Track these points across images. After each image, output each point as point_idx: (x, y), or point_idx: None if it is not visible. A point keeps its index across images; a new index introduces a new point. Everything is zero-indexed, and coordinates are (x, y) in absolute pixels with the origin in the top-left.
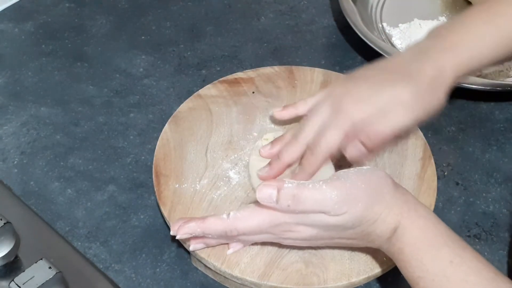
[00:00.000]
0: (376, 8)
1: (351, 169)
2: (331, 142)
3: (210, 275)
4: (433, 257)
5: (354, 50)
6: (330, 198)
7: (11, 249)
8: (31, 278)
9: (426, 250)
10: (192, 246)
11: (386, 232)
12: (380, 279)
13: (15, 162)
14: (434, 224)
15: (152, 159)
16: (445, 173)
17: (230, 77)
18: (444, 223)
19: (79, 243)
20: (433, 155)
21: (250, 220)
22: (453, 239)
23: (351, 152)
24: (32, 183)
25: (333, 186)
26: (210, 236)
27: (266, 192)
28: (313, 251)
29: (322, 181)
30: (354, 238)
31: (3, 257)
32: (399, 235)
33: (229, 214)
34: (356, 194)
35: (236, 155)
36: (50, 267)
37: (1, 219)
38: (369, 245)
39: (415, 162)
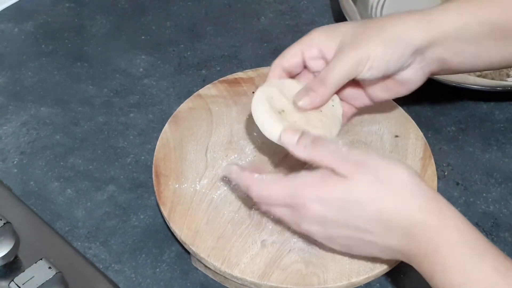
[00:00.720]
0: (376, 8)
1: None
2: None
3: (210, 275)
4: (477, 262)
5: None
6: (341, 153)
7: (11, 249)
8: (31, 278)
9: (469, 254)
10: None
11: (410, 226)
12: (380, 279)
13: (15, 162)
14: (471, 227)
15: (152, 159)
16: (445, 173)
17: (230, 77)
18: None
19: (79, 243)
20: (433, 155)
21: (272, 184)
22: (491, 244)
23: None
24: (32, 183)
25: (349, 148)
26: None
27: (290, 134)
28: (313, 251)
29: (343, 141)
30: (370, 230)
31: (3, 257)
32: (433, 234)
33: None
34: (369, 165)
35: (236, 155)
36: (50, 267)
37: (1, 219)
38: (390, 246)
39: (415, 162)
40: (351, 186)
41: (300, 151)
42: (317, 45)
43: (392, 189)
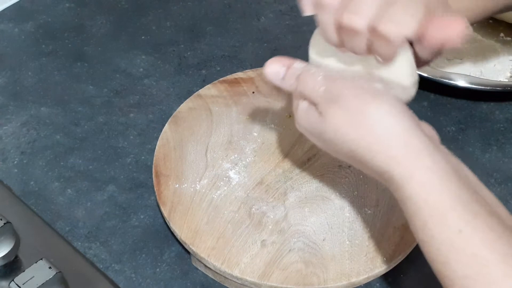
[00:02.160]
0: None
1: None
2: (407, 24)
3: (210, 275)
4: (438, 223)
5: None
6: (319, 91)
7: (11, 249)
8: (31, 278)
9: (430, 213)
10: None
11: (382, 174)
12: (380, 279)
13: (15, 162)
14: (440, 181)
15: (152, 159)
16: None
17: (230, 77)
18: (460, 175)
19: (79, 243)
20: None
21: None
22: (465, 201)
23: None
24: (32, 183)
25: (327, 81)
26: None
27: (275, 68)
28: (313, 251)
29: (325, 73)
30: (351, 162)
31: (3, 257)
32: (398, 185)
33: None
34: (343, 104)
35: (236, 155)
36: (50, 267)
37: (1, 219)
38: (372, 175)
39: None
40: (325, 124)
41: (287, 87)
42: None
43: (360, 133)
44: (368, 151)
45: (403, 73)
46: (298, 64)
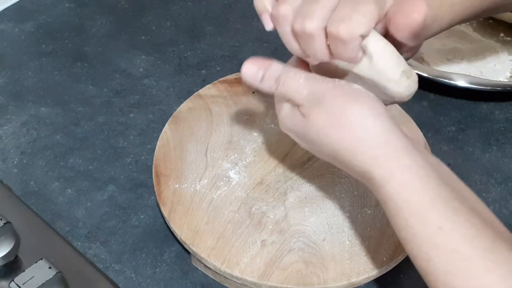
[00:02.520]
0: None
1: (346, 80)
2: (367, 16)
3: (210, 275)
4: (419, 220)
5: None
6: (302, 93)
7: (11, 249)
8: (31, 278)
9: (411, 211)
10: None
11: (363, 174)
12: (380, 279)
13: (15, 162)
14: (420, 180)
15: (152, 159)
16: None
17: (230, 77)
18: (439, 174)
19: (79, 243)
20: (433, 155)
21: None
22: (445, 198)
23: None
24: (32, 183)
25: (310, 83)
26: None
27: (253, 70)
28: (313, 251)
29: (306, 74)
30: (334, 163)
31: (3, 257)
32: (379, 185)
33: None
34: (325, 104)
35: (236, 155)
36: (50, 267)
37: (1, 219)
38: (355, 176)
39: None
40: (308, 126)
41: (266, 89)
42: None
43: (340, 133)
44: (349, 152)
45: (387, 67)
46: (276, 66)
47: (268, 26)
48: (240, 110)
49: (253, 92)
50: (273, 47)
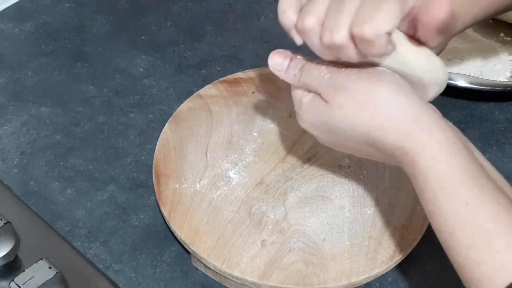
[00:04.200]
0: None
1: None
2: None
3: (210, 275)
4: (447, 195)
5: None
6: (323, 80)
7: (11, 249)
8: (31, 278)
9: (440, 185)
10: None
11: (394, 152)
12: (380, 279)
13: (15, 162)
14: (451, 154)
15: (152, 159)
16: None
17: (230, 77)
18: (469, 151)
19: (79, 243)
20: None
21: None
22: (473, 175)
23: None
24: (32, 183)
25: (332, 69)
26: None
27: (279, 59)
28: (313, 251)
29: (328, 62)
30: (362, 149)
31: (3, 257)
32: (410, 160)
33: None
34: (350, 89)
35: (236, 155)
36: (50, 267)
37: (1, 219)
38: (384, 159)
39: None
40: (333, 112)
41: (290, 79)
42: None
43: (370, 113)
44: (381, 131)
45: (416, 55)
46: (301, 57)
47: (298, 41)
48: (240, 110)
49: (253, 92)
50: (273, 47)
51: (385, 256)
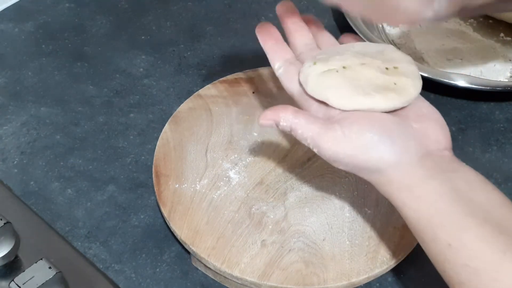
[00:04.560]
0: None
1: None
2: None
3: (210, 275)
4: (431, 239)
5: None
6: (318, 128)
7: (11, 249)
8: (31, 278)
9: (423, 230)
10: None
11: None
12: (380, 279)
13: (15, 162)
14: (430, 203)
15: (152, 159)
16: None
17: (230, 77)
18: (457, 191)
19: (79, 243)
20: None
21: None
22: (452, 218)
23: None
24: (32, 183)
25: (326, 120)
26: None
27: (268, 124)
28: (313, 251)
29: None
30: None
31: (3, 257)
32: (400, 207)
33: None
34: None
35: (236, 155)
36: (50, 267)
37: (1, 219)
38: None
39: None
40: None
41: (286, 130)
42: None
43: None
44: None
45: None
46: (285, 117)
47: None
48: (240, 110)
49: (253, 92)
50: None
51: (385, 256)
